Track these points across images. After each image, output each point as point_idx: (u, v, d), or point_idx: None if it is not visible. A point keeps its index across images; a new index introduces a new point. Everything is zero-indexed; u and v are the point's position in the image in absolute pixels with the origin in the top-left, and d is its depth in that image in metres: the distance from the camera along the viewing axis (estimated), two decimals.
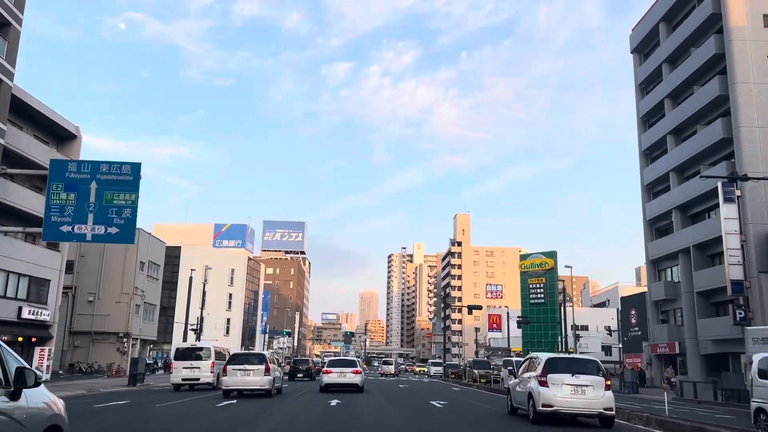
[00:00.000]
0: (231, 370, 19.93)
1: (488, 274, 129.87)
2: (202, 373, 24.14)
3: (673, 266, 43.00)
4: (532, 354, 15.79)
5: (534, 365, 13.77)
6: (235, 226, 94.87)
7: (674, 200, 41.73)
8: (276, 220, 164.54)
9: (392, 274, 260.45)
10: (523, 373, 14.66)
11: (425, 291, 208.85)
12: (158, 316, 51.67)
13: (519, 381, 14.69)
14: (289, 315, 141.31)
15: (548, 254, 79.00)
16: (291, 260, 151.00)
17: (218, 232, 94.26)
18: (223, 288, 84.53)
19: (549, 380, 12.48)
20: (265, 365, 19.86)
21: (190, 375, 24.19)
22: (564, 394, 12.30)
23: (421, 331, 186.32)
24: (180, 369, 24.35)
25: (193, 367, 24.13)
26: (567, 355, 16.12)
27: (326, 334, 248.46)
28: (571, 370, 12.62)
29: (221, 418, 13.97)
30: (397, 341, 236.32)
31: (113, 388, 27.21)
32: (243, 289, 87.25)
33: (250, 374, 19.68)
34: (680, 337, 41.02)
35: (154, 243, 47.59)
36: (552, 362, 13.04)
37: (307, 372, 40.19)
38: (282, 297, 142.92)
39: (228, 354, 25.45)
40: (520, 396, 14.12)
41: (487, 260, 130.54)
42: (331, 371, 23.75)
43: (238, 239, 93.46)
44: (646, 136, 46.43)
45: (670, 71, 42.91)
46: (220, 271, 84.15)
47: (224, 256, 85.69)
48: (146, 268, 45.18)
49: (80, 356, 41.17)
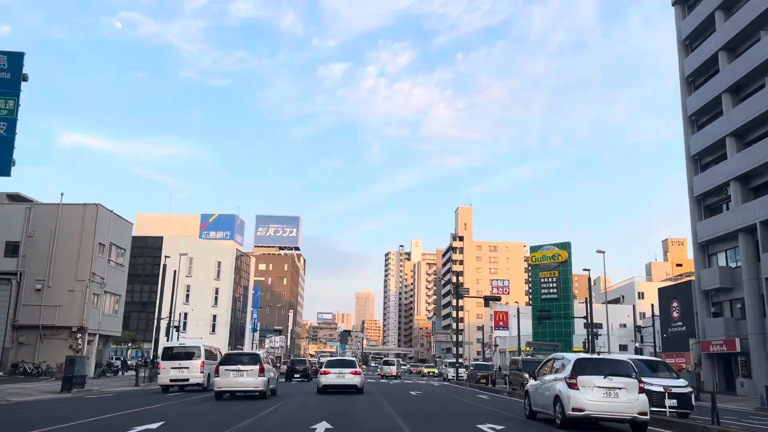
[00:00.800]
0: (224, 371, 18.97)
1: (491, 270, 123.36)
2: (192, 374, 22.78)
3: (729, 249, 36.49)
4: (555, 354, 14.78)
5: (559, 366, 12.95)
6: (223, 217, 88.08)
7: (732, 170, 35.24)
8: (269, 215, 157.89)
9: (389, 273, 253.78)
10: (544, 374, 13.76)
11: (424, 289, 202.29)
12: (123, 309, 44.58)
13: (539, 383, 13.73)
14: (282, 313, 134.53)
15: (561, 246, 72.47)
16: (284, 256, 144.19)
17: (205, 222, 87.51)
18: (208, 282, 77.75)
19: (579, 382, 11.68)
20: (259, 366, 19.06)
21: (178, 375, 22.80)
22: (595, 398, 11.57)
23: (419, 331, 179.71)
24: (168, 369, 22.89)
25: (182, 368, 22.77)
26: (596, 356, 14.26)
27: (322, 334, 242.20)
28: (603, 372, 11.85)
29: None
30: (394, 341, 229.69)
31: (39, 395, 20.72)
32: (231, 284, 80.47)
33: (244, 375, 18.83)
34: (740, 332, 34.58)
35: (119, 223, 40.67)
36: (581, 363, 12.20)
37: (304, 372, 39.63)
38: (275, 294, 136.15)
39: (219, 353, 24.70)
40: (543, 399, 13.25)
41: (490, 255, 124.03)
42: (329, 372, 22.72)
43: (226, 230, 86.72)
44: (693, 98, 39.88)
45: (726, 18, 36.51)
46: (205, 264, 77.40)
47: (211, 248, 78.91)
48: (108, 252, 38.25)
49: (25, 355, 34.30)
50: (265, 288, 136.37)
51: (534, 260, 73.55)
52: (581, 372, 11.83)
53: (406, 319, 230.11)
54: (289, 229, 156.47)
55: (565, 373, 12.11)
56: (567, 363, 12.45)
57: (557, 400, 12.14)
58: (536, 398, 13.86)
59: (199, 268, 76.41)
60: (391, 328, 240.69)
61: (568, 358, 12.75)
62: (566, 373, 12.05)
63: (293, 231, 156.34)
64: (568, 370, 12.00)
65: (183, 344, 25.05)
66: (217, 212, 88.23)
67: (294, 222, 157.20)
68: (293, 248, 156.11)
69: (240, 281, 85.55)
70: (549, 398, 12.74)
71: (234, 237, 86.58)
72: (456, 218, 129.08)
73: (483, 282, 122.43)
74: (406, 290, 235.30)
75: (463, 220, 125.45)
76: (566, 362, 12.55)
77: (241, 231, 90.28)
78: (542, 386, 13.48)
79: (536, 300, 72.75)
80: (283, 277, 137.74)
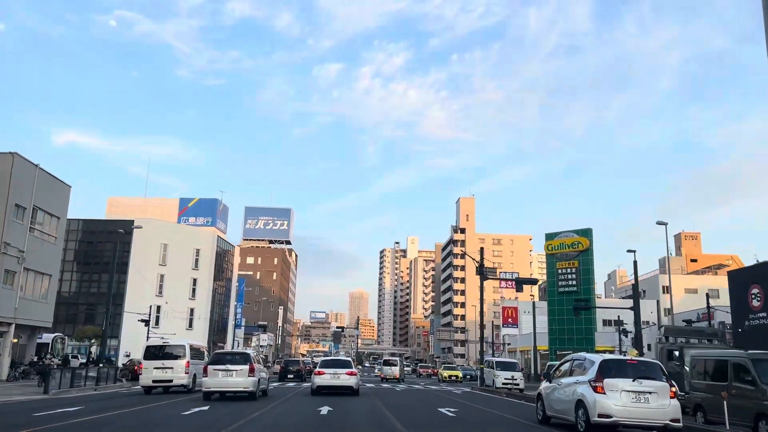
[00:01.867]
0: (212, 371, 18.34)
1: (495, 264, 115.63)
2: (176, 374, 21.51)
3: None
4: (574, 355, 13.57)
5: (580, 367, 12.06)
6: (205, 201, 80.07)
7: None
8: (259, 207, 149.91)
9: (384, 270, 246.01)
10: (561, 376, 12.70)
11: (421, 287, 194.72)
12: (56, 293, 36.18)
13: (554, 386, 12.65)
14: (271, 309, 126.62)
15: (582, 232, 64.87)
16: (274, 249, 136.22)
17: (184, 207, 79.49)
18: (185, 272, 69.78)
19: (606, 386, 10.81)
20: (249, 365, 18.42)
21: (161, 376, 21.54)
22: (624, 402, 10.68)
23: (416, 330, 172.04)
24: (150, 369, 21.57)
25: (165, 368, 21.49)
26: (623, 357, 13.32)
27: (315, 333, 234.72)
28: (631, 375, 10.98)
29: None
30: (389, 340, 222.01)
31: None
32: (211, 275, 72.49)
33: (233, 375, 18.21)
34: None
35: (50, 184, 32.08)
36: (608, 364, 11.27)
37: (298, 373, 38.88)
38: (264, 289, 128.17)
39: (206, 352, 23.92)
40: (560, 403, 12.20)
41: (494, 249, 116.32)
42: (324, 372, 21.99)
43: (207, 216, 78.70)
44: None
45: None
46: (182, 252, 69.37)
47: (188, 234, 70.93)
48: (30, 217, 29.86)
49: None
50: (253, 283, 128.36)
51: (550, 249, 65.94)
52: (607, 374, 11.00)
53: (401, 318, 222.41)
54: (280, 221, 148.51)
55: (589, 376, 11.28)
56: (591, 364, 11.60)
57: (580, 405, 11.23)
58: (551, 402, 12.81)
59: (175, 256, 68.45)
60: (386, 328, 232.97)
61: (591, 359, 11.97)
62: (590, 375, 11.23)
63: (284, 224, 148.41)
64: (593, 372, 11.19)
65: (167, 342, 23.43)
66: (197, 196, 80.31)
67: (285, 214, 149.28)
68: (284, 242, 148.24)
69: (222, 272, 77.55)
70: (569, 402, 11.82)
71: (216, 224, 78.59)
72: (457, 210, 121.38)
73: None
74: (402, 288, 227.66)
75: (465, 211, 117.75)
76: (590, 363, 11.72)
77: (224, 218, 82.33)
78: (559, 389, 12.49)
79: (553, 293, 65.18)
80: (272, 272, 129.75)
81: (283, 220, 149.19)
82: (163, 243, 67.92)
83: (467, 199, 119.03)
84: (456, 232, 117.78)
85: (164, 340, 24.71)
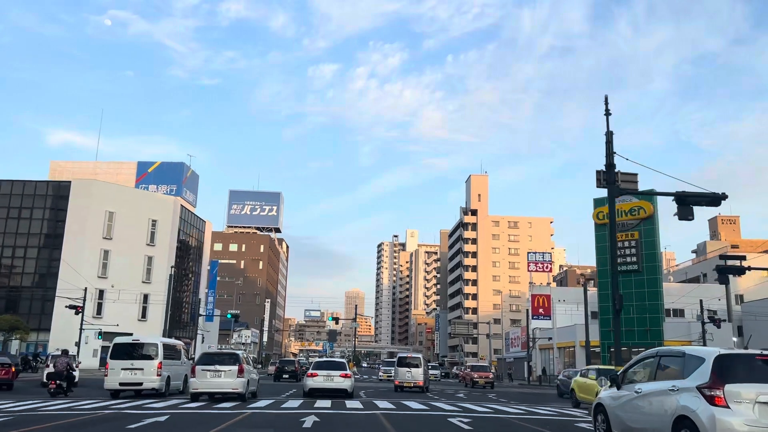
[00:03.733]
0: (200, 371, 17.55)
1: (511, 251, 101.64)
2: (146, 376, 19.04)
3: None
4: (661, 349, 9.12)
5: (676, 367, 8.01)
6: (168, 166, 65.62)
7: None
8: (245, 191, 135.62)
9: (382, 265, 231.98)
10: (638, 380, 8.74)
11: (422, 281, 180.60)
12: None
13: (630, 395, 8.61)
14: (257, 303, 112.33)
15: (644, 195, 50.94)
16: (260, 235, 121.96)
17: (143, 173, 65.06)
18: (138, 248, 55.64)
19: (728, 395, 6.96)
20: (238, 366, 17.66)
21: (130, 379, 19.06)
22: (759, 420, 6.82)
23: (417, 327, 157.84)
24: (117, 371, 19.12)
25: (135, 369, 19.07)
26: (749, 351, 8.06)
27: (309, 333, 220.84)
28: (762, 377, 7.13)
29: None
30: (387, 338, 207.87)
31: None
32: (172, 253, 58.28)
33: (222, 376, 17.47)
34: None
35: None
36: (728, 362, 7.32)
37: (293, 373, 38.27)
38: (249, 280, 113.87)
39: (185, 351, 22.51)
40: (643, 421, 8.21)
41: (510, 233, 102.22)
42: (317, 374, 20.97)
43: (171, 184, 64.33)
44: None
45: None
46: (134, 223, 55.10)
47: (142, 201, 56.76)
48: None
49: None
50: (236, 272, 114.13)
51: (601, 218, 51.86)
52: (728, 378, 7.11)
53: (400, 314, 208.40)
54: (268, 206, 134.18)
55: (695, 379, 7.39)
56: (696, 362, 7.61)
57: (683, 423, 7.39)
58: (624, 417, 8.78)
59: (125, 229, 54.30)
60: (384, 325, 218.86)
61: (697, 354, 7.78)
62: (699, 378, 7.34)
63: (273, 209, 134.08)
64: (704, 374, 7.29)
65: (137, 340, 20.67)
66: (158, 160, 65.83)
67: (274, 199, 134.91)
68: (273, 229, 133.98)
69: (188, 252, 63.27)
70: (659, 419, 7.89)
71: (182, 193, 64.24)
72: (467, 190, 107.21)
73: (501, 265, 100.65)
74: (401, 283, 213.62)
75: (477, 190, 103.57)
76: (694, 361, 7.68)
77: (192, 187, 67.96)
78: (638, 399, 8.42)
79: (603, 274, 51.08)
80: (258, 260, 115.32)
81: (271, 206, 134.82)
82: (108, 211, 53.69)
83: (479, 177, 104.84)
84: (466, 214, 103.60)
85: (134, 338, 21.97)
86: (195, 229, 65.28)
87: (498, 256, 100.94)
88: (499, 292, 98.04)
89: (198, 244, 65.84)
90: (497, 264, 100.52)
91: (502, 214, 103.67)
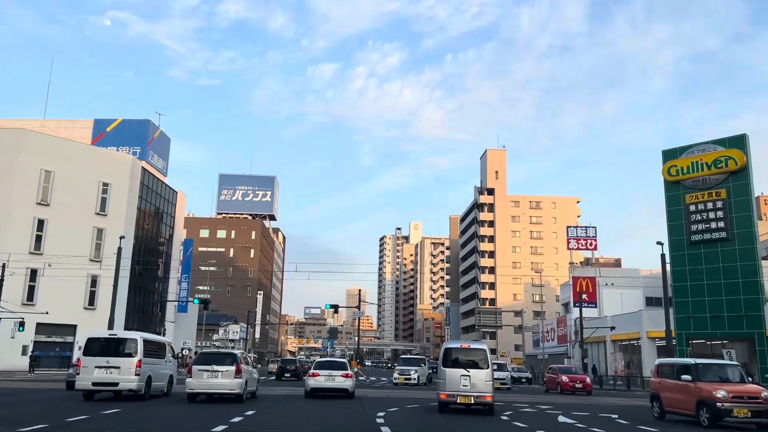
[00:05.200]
0: (197, 371, 17.18)
1: (533, 234, 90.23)
2: (123, 376, 17.21)
3: None
4: None
5: None
6: (131, 124, 54.06)
7: None
8: (236, 174, 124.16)
9: (385, 259, 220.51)
10: None
11: (428, 273, 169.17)
12: None
13: None
14: (248, 296, 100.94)
15: (731, 142, 39.46)
16: (252, 220, 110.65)
17: (101, 133, 53.46)
18: (84, 218, 44.31)
19: None
20: (236, 366, 17.26)
21: (105, 378, 17.21)
22: None
23: (424, 322, 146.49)
24: (90, 369, 17.31)
25: (111, 367, 17.34)
26: None
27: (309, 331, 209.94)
28: None
29: None
30: (391, 335, 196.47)
31: None
32: (130, 225, 46.99)
33: (219, 376, 17.10)
34: None
35: None
36: None
37: (294, 372, 38.51)
38: (239, 270, 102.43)
39: (170, 348, 20.70)
40: None
41: (531, 215, 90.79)
42: (318, 374, 20.69)
43: (135, 146, 52.84)
44: None
45: None
46: (79, 187, 43.71)
47: (90, 159, 45.41)
48: None
49: None
50: (225, 261, 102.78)
51: (673, 174, 40.40)
52: None
53: (405, 310, 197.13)
54: (262, 191, 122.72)
55: None
56: None
57: None
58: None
59: (67, 193, 42.99)
60: (387, 321, 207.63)
61: None
62: None
63: (267, 194, 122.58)
64: None
65: (115, 334, 18.71)
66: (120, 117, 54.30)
67: (268, 183, 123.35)
68: (267, 216, 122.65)
69: (155, 226, 51.95)
70: None
71: (147, 157, 52.75)
72: (482, 167, 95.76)
73: (522, 250, 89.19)
74: (405, 277, 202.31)
75: (494, 167, 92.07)
76: None
77: (161, 151, 56.40)
78: None
79: (678, 246, 39.66)
80: (249, 248, 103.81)
81: (265, 190, 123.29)
82: (44, 170, 42.39)
83: (496, 152, 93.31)
84: (482, 194, 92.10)
85: (111, 332, 19.68)
86: (164, 201, 53.92)
87: (518, 240, 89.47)
88: (519, 280, 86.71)
89: (167, 219, 54.47)
90: (517, 249, 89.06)
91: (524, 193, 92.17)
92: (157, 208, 52.54)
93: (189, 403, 16.53)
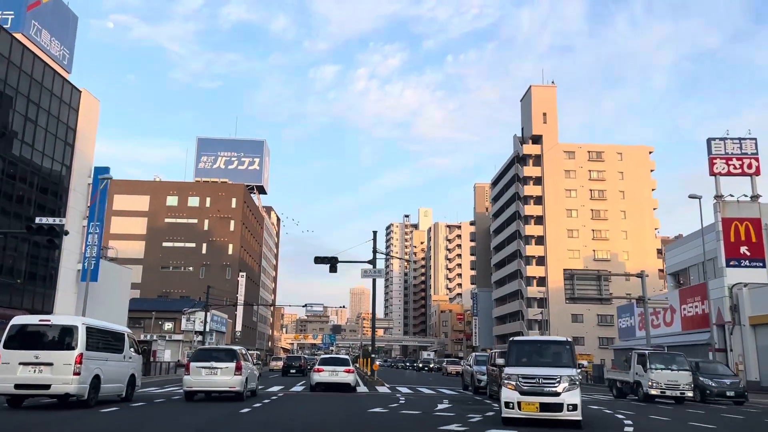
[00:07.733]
0: (195, 368, 16.71)
1: (594, 194, 69.44)
2: (57, 375, 13.16)
3: None
4: None
5: None
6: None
7: None
8: (217, 138, 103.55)
9: (391, 249, 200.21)
10: None
11: (443, 260, 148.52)
12: None
13: None
14: (227, 278, 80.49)
15: None
16: (232, 185, 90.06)
17: None
18: None
19: None
20: (235, 363, 16.83)
21: (31, 378, 13.13)
22: None
23: (441, 315, 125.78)
24: (13, 366, 13.15)
25: (40, 363, 13.19)
26: None
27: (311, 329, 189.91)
28: None
29: None
30: (400, 330, 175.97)
31: None
32: None
33: (217, 373, 16.61)
34: None
35: None
36: None
37: (299, 368, 42.31)
38: (215, 246, 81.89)
39: (132, 340, 16.92)
40: None
41: (591, 170, 70.03)
42: (323, 369, 22.60)
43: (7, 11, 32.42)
44: None
45: None
46: None
47: None
48: None
49: None
50: (197, 235, 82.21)
51: None
52: None
53: (415, 303, 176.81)
54: (249, 158, 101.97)
55: None
56: None
57: None
58: None
59: None
60: (395, 315, 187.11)
61: None
62: None
63: (255, 161, 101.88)
64: None
65: (47, 320, 14.27)
66: None
67: (256, 148, 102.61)
68: (255, 188, 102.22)
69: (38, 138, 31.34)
70: None
71: (24, 28, 32.21)
72: (525, 109, 75.10)
73: (580, 214, 68.41)
74: (415, 267, 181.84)
75: (541, 108, 71.35)
76: None
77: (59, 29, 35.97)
78: None
79: None
80: (229, 219, 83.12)
81: (253, 157, 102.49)
82: None
83: (544, 89, 72.48)
84: (525, 143, 71.28)
85: (42, 318, 14.60)
86: (55, 100, 33.33)
87: (575, 201, 68.76)
88: (577, 253, 66.15)
89: (65, 131, 33.89)
90: (573, 213, 68.35)
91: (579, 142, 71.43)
92: (42, 109, 31.96)
93: (187, 401, 16.07)
